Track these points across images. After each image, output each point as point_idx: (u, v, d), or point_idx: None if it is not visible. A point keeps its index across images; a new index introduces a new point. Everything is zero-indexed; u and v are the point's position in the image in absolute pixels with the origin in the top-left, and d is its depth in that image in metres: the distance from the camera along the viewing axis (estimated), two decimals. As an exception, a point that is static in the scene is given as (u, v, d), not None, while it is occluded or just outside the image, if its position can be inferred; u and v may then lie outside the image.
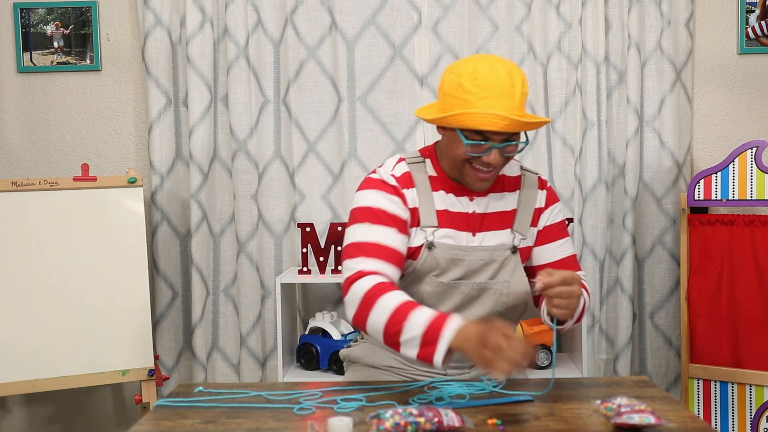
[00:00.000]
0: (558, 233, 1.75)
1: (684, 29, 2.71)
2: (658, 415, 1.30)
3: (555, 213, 1.76)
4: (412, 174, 1.69)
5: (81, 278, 2.47)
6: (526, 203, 1.73)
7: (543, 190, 1.76)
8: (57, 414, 2.93)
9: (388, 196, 1.65)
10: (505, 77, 1.55)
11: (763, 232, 2.49)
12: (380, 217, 1.62)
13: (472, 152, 1.58)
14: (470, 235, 1.68)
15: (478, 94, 1.53)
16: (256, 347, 2.79)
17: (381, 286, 1.52)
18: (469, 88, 1.54)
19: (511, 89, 1.55)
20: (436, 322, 1.43)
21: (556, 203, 1.77)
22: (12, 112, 2.88)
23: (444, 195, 1.69)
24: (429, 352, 1.42)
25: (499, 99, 1.53)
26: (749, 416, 2.53)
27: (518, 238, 1.70)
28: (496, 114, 1.51)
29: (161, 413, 1.42)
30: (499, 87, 1.54)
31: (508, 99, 1.54)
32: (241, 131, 2.75)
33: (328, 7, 2.74)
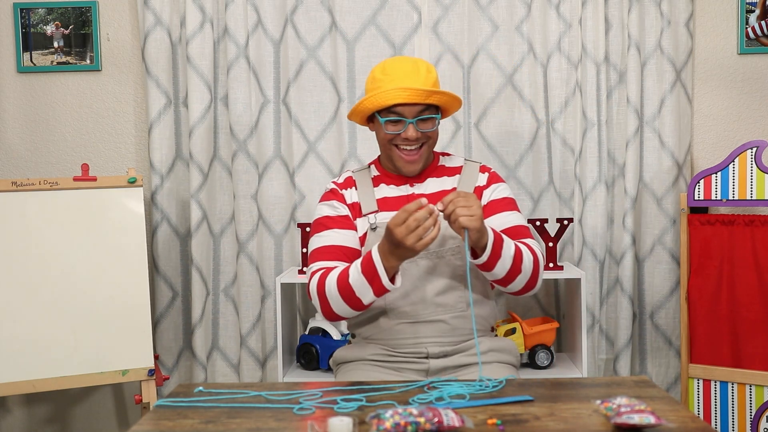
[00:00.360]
0: (502, 207, 1.86)
1: (684, 29, 2.71)
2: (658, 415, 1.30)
3: (498, 190, 1.89)
4: (354, 178, 1.93)
5: (81, 278, 2.47)
6: (466, 182, 1.88)
7: (485, 173, 1.92)
8: (57, 414, 2.93)
9: (329, 203, 1.89)
10: (409, 63, 1.78)
11: (763, 232, 2.49)
12: (324, 224, 1.86)
13: (390, 130, 1.78)
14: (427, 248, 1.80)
15: (386, 79, 1.77)
16: (256, 347, 2.79)
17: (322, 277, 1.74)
18: (378, 77, 1.79)
19: (415, 71, 1.76)
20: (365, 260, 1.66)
21: (500, 183, 1.90)
22: (12, 112, 2.88)
23: (385, 187, 1.90)
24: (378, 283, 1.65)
25: (403, 78, 1.75)
26: (749, 416, 2.53)
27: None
28: (400, 87, 1.72)
29: (161, 413, 1.42)
30: (402, 69, 1.77)
31: (412, 78, 1.75)
32: (241, 131, 2.75)
33: (328, 7, 2.74)
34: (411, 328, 1.80)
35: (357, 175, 1.94)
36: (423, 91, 1.72)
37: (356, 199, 1.89)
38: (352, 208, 1.88)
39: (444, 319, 1.80)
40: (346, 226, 1.85)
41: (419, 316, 1.79)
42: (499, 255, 1.68)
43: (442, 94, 1.76)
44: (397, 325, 1.81)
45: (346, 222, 1.85)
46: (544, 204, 2.77)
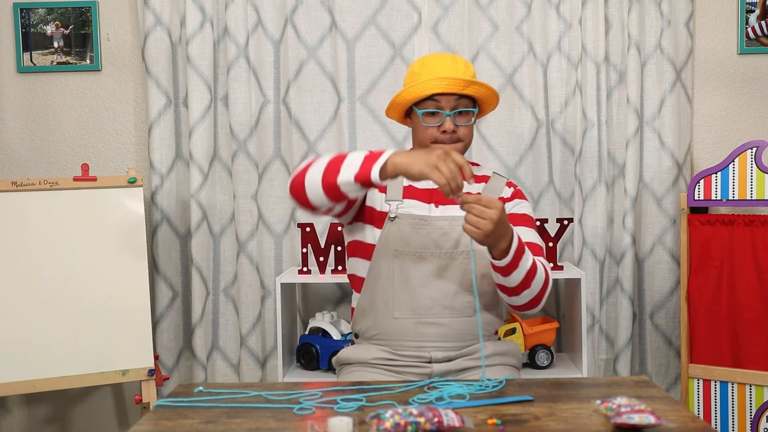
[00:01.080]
0: (521, 222, 1.85)
1: (684, 29, 2.71)
2: (658, 415, 1.30)
3: (520, 206, 1.90)
4: None
5: (81, 278, 2.47)
6: (492, 190, 1.89)
7: (510, 188, 1.92)
8: (57, 414, 2.93)
9: None
10: (448, 58, 1.80)
11: (763, 232, 2.49)
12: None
13: (428, 122, 1.79)
14: (433, 206, 1.83)
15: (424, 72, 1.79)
16: (256, 347, 2.79)
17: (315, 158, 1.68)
18: (417, 71, 1.81)
19: (454, 65, 1.79)
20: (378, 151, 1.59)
21: (523, 200, 1.90)
22: (12, 112, 2.88)
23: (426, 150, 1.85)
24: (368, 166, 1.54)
25: (441, 69, 1.77)
26: (749, 416, 2.53)
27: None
28: (438, 77, 1.74)
29: (161, 413, 1.42)
30: (441, 62, 1.79)
31: (450, 69, 1.78)
32: (241, 131, 2.75)
33: (328, 7, 2.74)
34: (415, 329, 1.78)
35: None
36: (461, 80, 1.74)
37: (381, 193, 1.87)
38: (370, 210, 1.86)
39: (448, 323, 1.78)
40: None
41: (424, 316, 1.78)
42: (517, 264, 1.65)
43: (480, 85, 1.77)
44: (401, 321, 1.79)
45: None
46: (544, 204, 2.77)
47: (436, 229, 1.78)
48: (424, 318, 1.77)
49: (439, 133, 1.79)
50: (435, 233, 1.78)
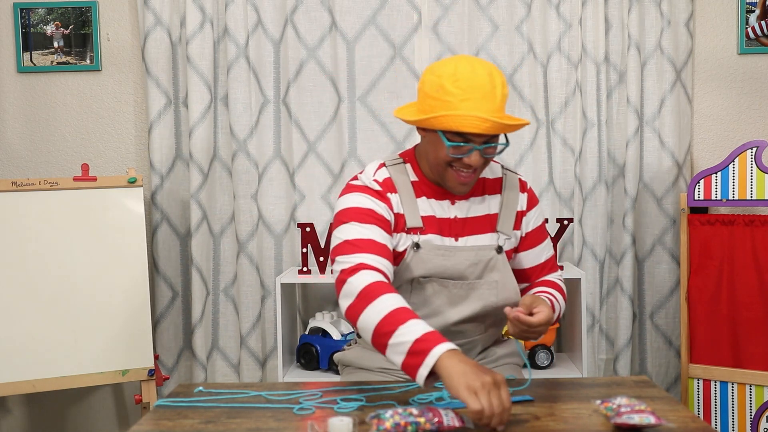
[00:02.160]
0: (540, 237, 1.81)
1: (684, 29, 2.71)
2: (658, 415, 1.30)
3: (536, 216, 1.80)
4: (393, 179, 1.69)
5: (81, 278, 2.47)
6: (509, 205, 1.75)
7: (524, 193, 1.78)
8: (57, 414, 2.93)
9: (373, 199, 1.65)
10: (485, 78, 1.54)
11: (763, 232, 2.49)
12: (368, 216, 1.62)
13: (453, 153, 1.58)
14: (453, 240, 1.70)
15: (460, 96, 1.53)
16: (256, 347, 2.79)
17: (380, 285, 1.48)
18: (450, 90, 1.54)
19: (492, 91, 1.54)
20: (431, 334, 1.36)
21: (537, 205, 1.81)
22: (12, 112, 2.88)
23: (426, 200, 1.70)
24: (415, 362, 1.34)
25: (481, 101, 1.53)
26: (749, 416, 2.53)
27: (503, 239, 1.73)
28: (478, 116, 1.51)
29: (161, 413, 1.42)
30: (480, 88, 1.53)
31: (490, 101, 1.54)
32: (241, 131, 2.75)
33: (328, 7, 2.74)
34: None
35: (395, 174, 1.70)
36: (500, 124, 1.53)
37: (401, 209, 1.68)
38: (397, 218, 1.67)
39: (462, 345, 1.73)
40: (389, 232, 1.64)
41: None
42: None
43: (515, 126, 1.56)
44: None
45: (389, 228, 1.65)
46: (544, 204, 2.77)
47: (460, 261, 1.68)
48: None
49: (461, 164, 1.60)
50: (460, 265, 1.68)
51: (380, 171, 1.70)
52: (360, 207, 1.63)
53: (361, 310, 1.46)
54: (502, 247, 1.71)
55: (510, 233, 1.74)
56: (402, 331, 1.38)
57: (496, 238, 1.72)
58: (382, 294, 1.46)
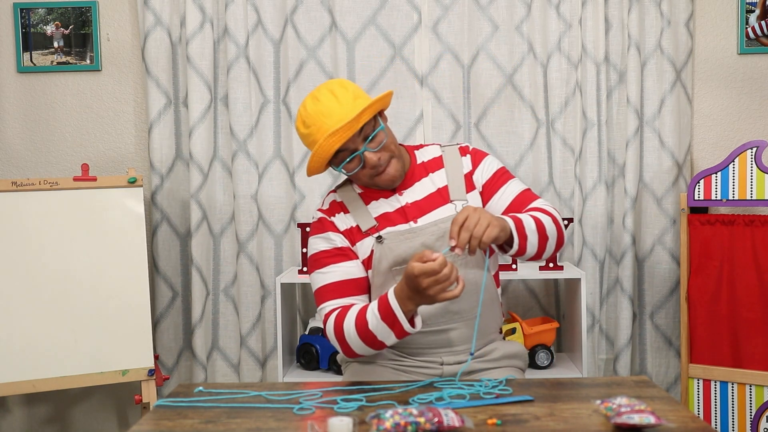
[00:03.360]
0: (498, 182, 1.80)
1: (684, 29, 2.71)
2: (658, 415, 1.30)
3: (486, 168, 1.81)
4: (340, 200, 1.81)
5: (81, 278, 2.47)
6: (454, 173, 1.80)
7: (466, 155, 1.82)
8: (57, 414, 2.93)
9: (323, 236, 1.77)
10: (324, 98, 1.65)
11: (763, 232, 2.49)
12: (322, 260, 1.75)
13: (353, 170, 1.69)
14: (413, 224, 1.75)
15: (312, 130, 1.66)
16: (256, 347, 2.79)
17: (339, 318, 1.66)
18: (303, 132, 1.68)
19: (333, 103, 1.64)
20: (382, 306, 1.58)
21: (485, 158, 1.83)
22: (12, 112, 2.88)
23: (376, 203, 1.78)
24: (399, 329, 1.58)
25: (327, 120, 1.63)
26: (749, 416, 2.53)
27: (460, 204, 1.76)
28: (329, 135, 1.61)
29: (161, 413, 1.42)
30: (321, 113, 1.65)
31: (335, 114, 1.63)
32: (241, 131, 2.75)
33: (328, 7, 2.74)
34: (424, 337, 1.75)
35: (342, 195, 1.81)
36: (349, 123, 1.61)
37: (351, 222, 1.77)
38: (348, 233, 1.76)
39: (457, 326, 1.75)
40: (345, 258, 1.74)
41: (433, 325, 1.74)
42: (525, 237, 1.62)
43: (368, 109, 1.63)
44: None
45: (345, 253, 1.75)
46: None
47: (428, 236, 1.72)
48: (433, 326, 1.74)
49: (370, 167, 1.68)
50: (429, 239, 1.72)
51: (328, 198, 1.84)
52: (316, 253, 1.77)
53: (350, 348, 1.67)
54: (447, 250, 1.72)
55: (464, 197, 1.76)
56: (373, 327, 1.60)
57: (453, 208, 1.76)
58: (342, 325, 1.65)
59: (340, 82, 1.70)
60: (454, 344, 1.76)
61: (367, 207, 1.78)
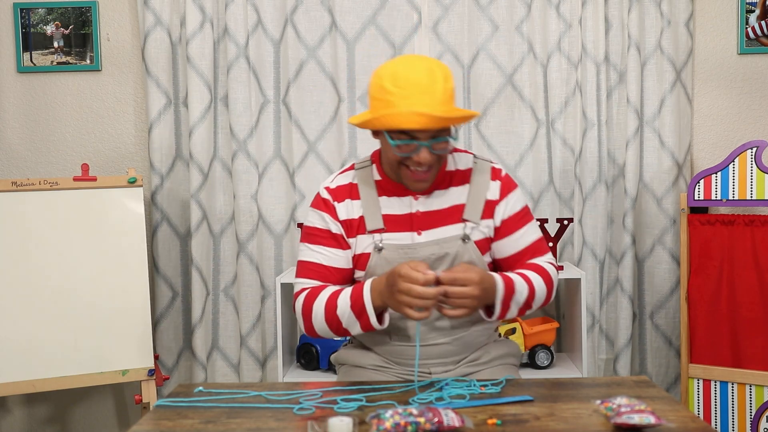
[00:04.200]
0: (517, 224, 1.74)
1: (684, 29, 2.71)
2: (658, 415, 1.30)
3: (512, 204, 1.74)
4: (356, 181, 1.74)
5: (81, 278, 2.47)
6: (476, 194, 1.73)
7: (496, 181, 1.74)
8: (57, 414, 2.93)
9: (321, 214, 1.74)
10: (423, 74, 1.56)
11: (763, 232, 2.49)
12: (314, 236, 1.74)
13: (401, 152, 1.60)
14: (416, 235, 1.70)
15: (399, 94, 1.55)
16: (256, 347, 2.79)
17: (310, 295, 1.66)
18: (390, 89, 1.56)
19: (431, 86, 1.55)
20: (355, 294, 1.59)
21: (513, 192, 1.75)
22: (12, 112, 2.88)
23: (387, 200, 1.72)
24: (365, 321, 1.58)
25: (419, 96, 1.54)
26: (749, 416, 2.53)
27: (470, 227, 1.70)
28: (416, 112, 1.52)
29: (161, 413, 1.42)
30: (418, 85, 1.55)
31: (429, 95, 1.55)
32: (241, 131, 2.75)
33: (328, 7, 2.74)
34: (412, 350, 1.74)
35: (360, 176, 1.75)
36: (440, 118, 1.53)
37: (357, 212, 1.72)
38: (348, 225, 1.72)
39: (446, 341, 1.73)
40: (336, 245, 1.71)
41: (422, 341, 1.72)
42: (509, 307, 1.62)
43: (460, 118, 1.57)
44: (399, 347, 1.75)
45: (337, 240, 1.72)
46: (544, 204, 2.77)
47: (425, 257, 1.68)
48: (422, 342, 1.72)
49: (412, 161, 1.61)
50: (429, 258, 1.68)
51: (340, 177, 1.77)
52: (311, 227, 1.75)
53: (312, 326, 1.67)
54: (468, 236, 1.69)
55: (478, 221, 1.70)
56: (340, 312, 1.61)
57: (462, 228, 1.70)
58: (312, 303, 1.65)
59: (443, 69, 1.60)
60: (442, 356, 1.74)
61: (379, 200, 1.72)
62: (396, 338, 1.74)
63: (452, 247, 1.68)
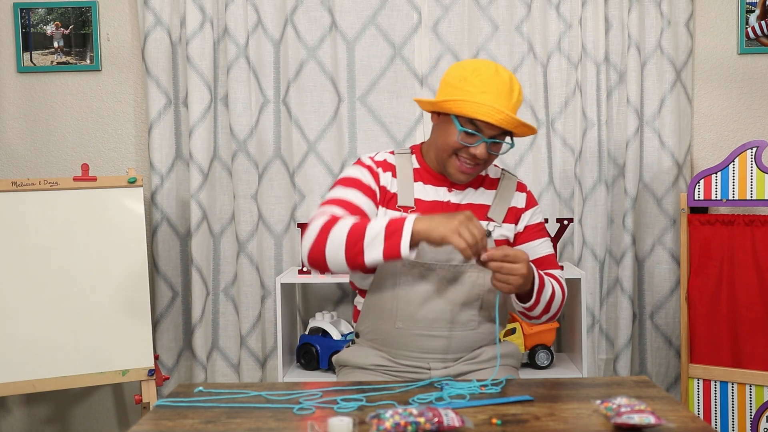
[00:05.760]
0: (537, 233, 1.85)
1: (684, 29, 2.71)
2: (658, 415, 1.30)
3: (535, 215, 1.86)
4: (395, 163, 1.81)
5: (81, 278, 2.47)
6: (502, 198, 1.83)
7: (523, 193, 1.86)
8: (57, 414, 2.93)
9: (362, 169, 1.79)
10: (506, 79, 1.66)
11: (763, 232, 2.49)
12: (351, 183, 1.76)
13: (462, 140, 1.68)
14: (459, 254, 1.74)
15: (480, 88, 1.64)
16: (256, 347, 2.79)
17: (334, 218, 1.61)
18: (472, 81, 1.65)
19: (510, 91, 1.66)
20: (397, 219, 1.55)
21: (536, 206, 1.88)
22: (12, 112, 2.88)
23: (422, 186, 1.79)
24: (394, 242, 1.51)
25: (498, 96, 1.64)
26: (749, 416, 2.53)
27: (492, 225, 1.79)
28: (494, 107, 1.61)
29: (161, 413, 1.42)
30: (500, 86, 1.65)
31: (506, 98, 1.65)
32: (241, 131, 2.75)
33: (328, 7, 2.74)
34: (416, 340, 1.76)
35: (398, 159, 1.82)
36: (515, 120, 1.63)
37: (393, 187, 1.78)
38: (384, 193, 1.78)
39: (450, 335, 1.76)
40: (369, 194, 1.75)
41: (427, 329, 1.75)
42: (539, 300, 1.71)
43: (528, 128, 1.67)
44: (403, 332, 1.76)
45: (371, 192, 1.76)
46: (544, 204, 2.77)
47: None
48: (427, 331, 1.75)
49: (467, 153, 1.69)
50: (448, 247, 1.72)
51: (382, 154, 1.83)
52: (348, 176, 1.78)
53: (325, 241, 1.58)
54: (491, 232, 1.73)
55: (500, 222, 1.80)
56: (371, 228, 1.55)
57: (486, 224, 1.78)
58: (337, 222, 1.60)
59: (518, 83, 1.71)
60: (443, 351, 1.77)
61: (414, 184, 1.79)
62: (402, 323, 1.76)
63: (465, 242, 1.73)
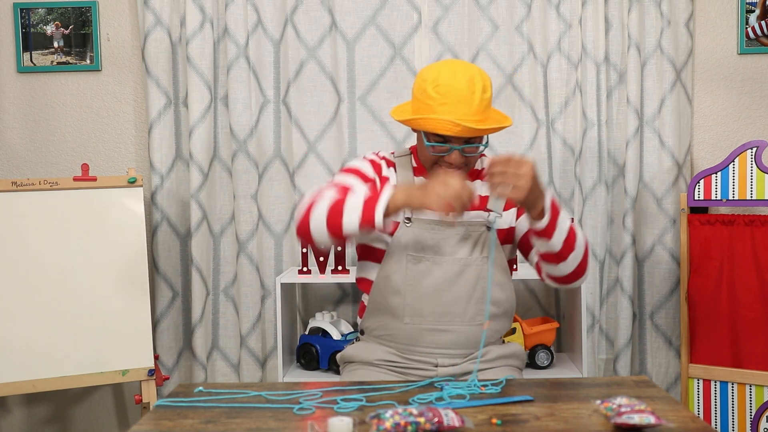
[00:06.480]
0: None
1: (684, 29, 2.71)
2: (658, 415, 1.30)
3: None
4: (395, 162, 1.87)
5: (81, 278, 2.47)
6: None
7: None
8: (57, 414, 2.93)
9: (366, 163, 1.84)
10: (463, 84, 1.68)
11: (763, 232, 2.49)
12: (351, 171, 1.81)
13: (434, 152, 1.74)
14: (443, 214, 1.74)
15: (439, 100, 1.68)
16: (256, 347, 2.79)
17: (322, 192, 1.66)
18: (431, 94, 1.69)
19: (469, 96, 1.67)
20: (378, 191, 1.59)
21: None
22: (12, 112, 2.88)
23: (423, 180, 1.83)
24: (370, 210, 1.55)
25: (456, 105, 1.67)
26: (749, 416, 2.53)
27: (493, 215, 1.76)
28: (451, 121, 1.65)
29: (161, 413, 1.42)
30: (456, 94, 1.67)
31: (466, 105, 1.67)
32: (241, 131, 2.75)
33: (328, 7, 2.74)
34: (424, 335, 1.76)
35: (398, 160, 1.88)
36: (474, 129, 1.66)
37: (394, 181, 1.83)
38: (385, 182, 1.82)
39: (458, 330, 1.76)
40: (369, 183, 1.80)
41: (435, 323, 1.75)
42: (556, 223, 1.65)
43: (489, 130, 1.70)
44: (411, 327, 1.77)
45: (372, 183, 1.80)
46: (544, 204, 2.77)
47: (451, 236, 1.75)
48: (435, 325, 1.75)
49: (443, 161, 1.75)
50: (451, 240, 1.75)
51: (384, 152, 1.90)
52: (349, 167, 1.83)
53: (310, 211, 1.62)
54: (491, 226, 1.77)
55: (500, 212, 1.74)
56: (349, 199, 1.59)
57: (486, 216, 1.79)
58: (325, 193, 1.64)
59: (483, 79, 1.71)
60: (451, 346, 1.77)
61: (415, 179, 1.84)
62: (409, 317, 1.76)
63: (476, 231, 1.77)
